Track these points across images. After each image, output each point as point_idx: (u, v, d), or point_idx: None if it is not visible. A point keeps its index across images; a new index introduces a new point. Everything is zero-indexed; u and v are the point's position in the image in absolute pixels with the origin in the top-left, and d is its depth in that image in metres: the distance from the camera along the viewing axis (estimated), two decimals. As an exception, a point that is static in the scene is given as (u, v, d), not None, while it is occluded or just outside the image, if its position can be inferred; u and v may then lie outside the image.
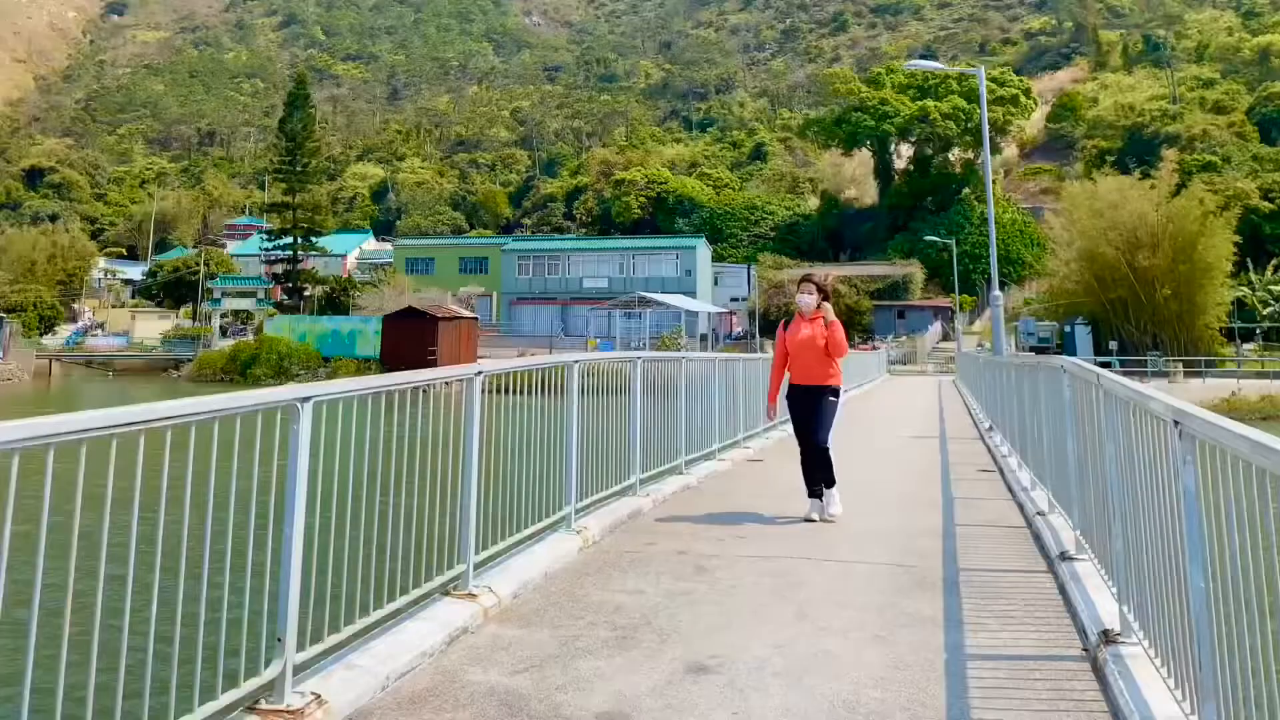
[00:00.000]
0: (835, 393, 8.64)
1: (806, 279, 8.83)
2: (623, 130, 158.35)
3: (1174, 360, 49.64)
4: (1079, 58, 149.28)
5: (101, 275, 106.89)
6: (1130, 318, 54.01)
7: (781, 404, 9.44)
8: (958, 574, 6.48)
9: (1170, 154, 69.19)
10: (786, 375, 8.96)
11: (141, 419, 3.25)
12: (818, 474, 8.52)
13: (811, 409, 8.60)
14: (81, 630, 3.18)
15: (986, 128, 25.41)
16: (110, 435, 3.13)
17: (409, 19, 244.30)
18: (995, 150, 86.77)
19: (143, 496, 3.25)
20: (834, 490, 8.54)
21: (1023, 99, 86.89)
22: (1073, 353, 50.08)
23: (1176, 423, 3.58)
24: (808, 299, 8.71)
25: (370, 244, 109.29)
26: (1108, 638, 4.67)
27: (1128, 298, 53.50)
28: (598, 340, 64.11)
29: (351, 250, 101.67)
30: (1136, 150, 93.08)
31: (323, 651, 4.24)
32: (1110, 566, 5.13)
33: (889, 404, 27.06)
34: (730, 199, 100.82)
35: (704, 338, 68.30)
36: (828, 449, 8.50)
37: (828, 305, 8.73)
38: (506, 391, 6.62)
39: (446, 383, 5.73)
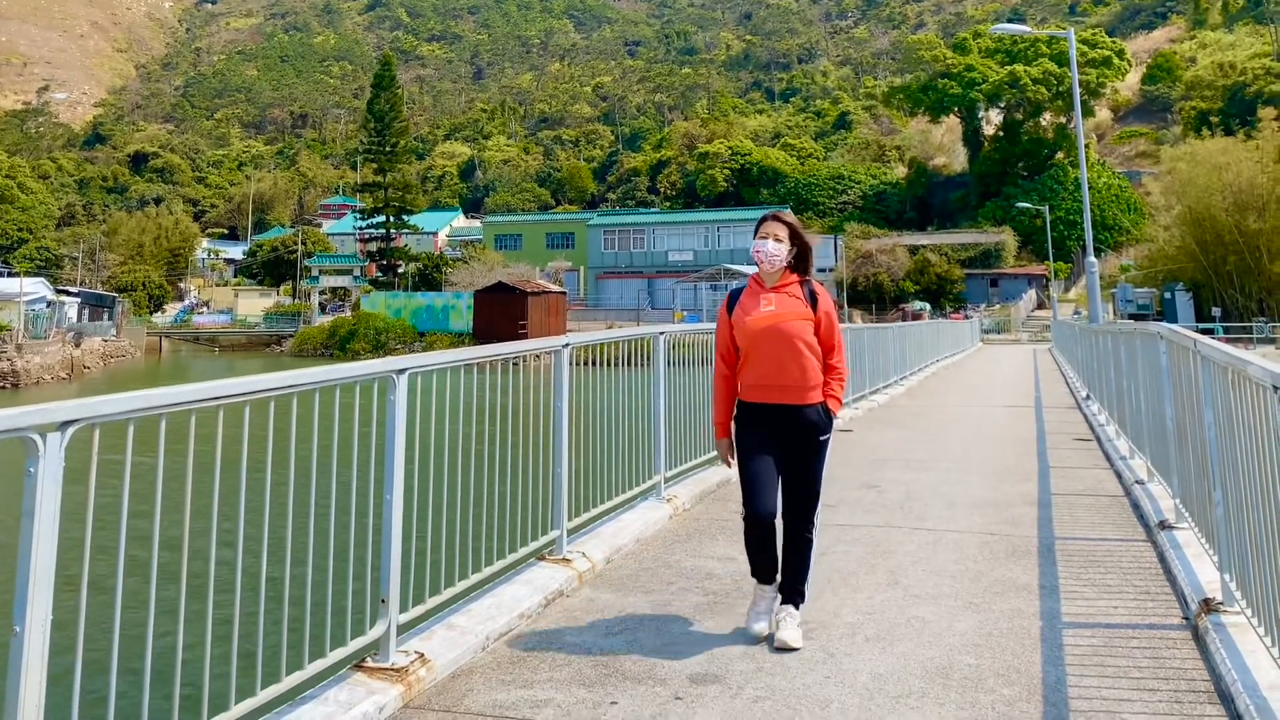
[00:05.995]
0: (828, 420, 4.67)
1: (773, 218, 4.76)
2: (705, 103, 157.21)
3: (1282, 326, 47.88)
4: (1175, 16, 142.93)
5: (205, 255, 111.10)
6: (1235, 283, 52.02)
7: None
8: (1053, 542, 6.39)
9: (1268, 113, 66.15)
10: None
11: (246, 390, 3.40)
12: (776, 557, 4.70)
13: (782, 447, 4.64)
14: (198, 589, 3.35)
15: (1078, 93, 24.65)
16: (217, 405, 3.28)
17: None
18: (1088, 114, 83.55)
19: (248, 464, 3.41)
20: (800, 609, 4.64)
21: (1116, 60, 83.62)
22: (1173, 319, 48.53)
23: (1276, 388, 3.49)
24: (774, 247, 4.68)
25: (460, 221, 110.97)
26: (1209, 606, 4.58)
27: (1233, 262, 51.49)
28: (684, 313, 64.13)
29: (442, 227, 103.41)
30: (1237, 111, 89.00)
31: (425, 613, 4.41)
32: (1211, 534, 5.03)
33: (982, 373, 26.58)
34: (815, 169, 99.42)
35: (790, 309, 67.58)
36: (811, 531, 4.70)
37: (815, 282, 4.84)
38: (595, 364, 6.72)
39: (536, 355, 5.85)
